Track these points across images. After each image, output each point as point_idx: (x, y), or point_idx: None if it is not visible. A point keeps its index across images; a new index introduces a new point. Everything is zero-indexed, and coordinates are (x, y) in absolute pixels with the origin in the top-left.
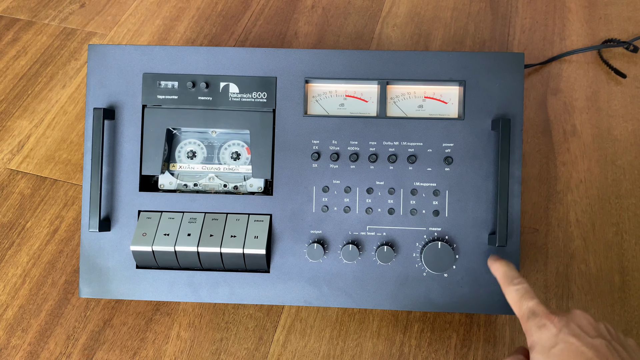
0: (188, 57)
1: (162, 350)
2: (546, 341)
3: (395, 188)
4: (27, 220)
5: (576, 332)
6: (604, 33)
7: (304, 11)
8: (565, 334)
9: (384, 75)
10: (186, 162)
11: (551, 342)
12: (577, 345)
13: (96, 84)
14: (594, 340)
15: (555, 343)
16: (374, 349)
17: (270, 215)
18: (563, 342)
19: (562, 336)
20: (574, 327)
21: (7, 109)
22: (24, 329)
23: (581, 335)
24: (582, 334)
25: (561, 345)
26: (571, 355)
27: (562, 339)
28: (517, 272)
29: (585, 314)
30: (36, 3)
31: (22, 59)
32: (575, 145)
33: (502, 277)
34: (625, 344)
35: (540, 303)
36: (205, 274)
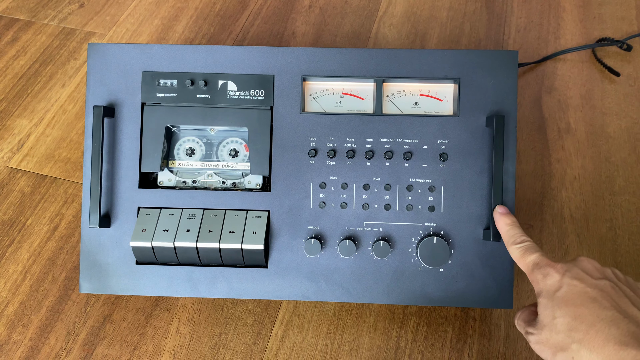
0: (187, 55)
1: (161, 345)
2: (551, 286)
3: (392, 184)
4: (27, 217)
5: (579, 275)
6: (598, 32)
7: (301, 11)
8: (568, 277)
9: (380, 73)
10: (185, 159)
11: (555, 287)
12: (581, 286)
13: (96, 82)
14: (597, 282)
15: (559, 287)
16: (370, 343)
17: (268, 211)
18: (566, 285)
19: (566, 280)
20: (578, 271)
21: (7, 108)
22: (25, 325)
23: (585, 278)
24: (586, 277)
25: (565, 288)
26: (574, 296)
27: (566, 282)
28: (519, 230)
29: (591, 259)
30: (35, 3)
31: (22, 58)
32: (570, 142)
33: (505, 235)
34: (635, 287)
35: (544, 255)
36: (204, 270)
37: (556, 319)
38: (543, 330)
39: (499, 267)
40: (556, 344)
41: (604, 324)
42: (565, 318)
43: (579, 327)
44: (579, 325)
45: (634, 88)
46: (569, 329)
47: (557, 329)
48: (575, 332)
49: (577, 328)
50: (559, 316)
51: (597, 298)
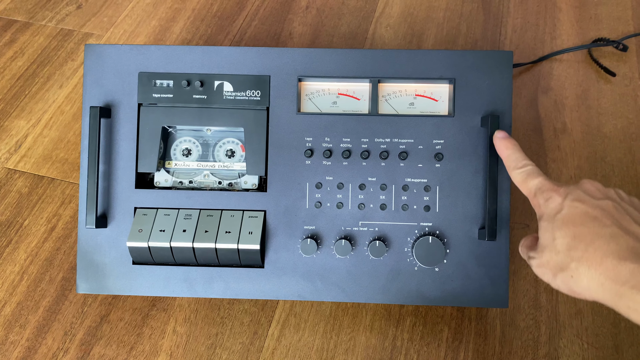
0: (183, 56)
1: (158, 345)
2: (552, 209)
3: (387, 184)
4: (24, 218)
5: (581, 197)
6: (594, 32)
7: (298, 12)
8: (570, 199)
9: (375, 74)
10: (181, 159)
11: (557, 209)
12: (582, 207)
13: (93, 83)
14: (599, 202)
15: (560, 209)
16: (367, 342)
17: (264, 211)
18: (567, 207)
19: (567, 202)
20: (579, 193)
21: (4, 109)
22: (22, 325)
23: (586, 199)
24: (587, 197)
25: (565, 209)
26: (575, 217)
27: (567, 204)
28: (521, 154)
29: (594, 181)
30: (33, 4)
31: (20, 59)
32: (566, 142)
33: (507, 160)
34: (637, 204)
35: (547, 179)
36: (201, 270)
37: (556, 239)
38: (544, 252)
39: (495, 266)
40: (556, 264)
41: (603, 241)
42: (565, 238)
43: (578, 245)
44: (578, 244)
45: (629, 88)
46: (569, 248)
47: (557, 250)
48: (574, 250)
49: (576, 247)
50: (559, 237)
51: (598, 217)
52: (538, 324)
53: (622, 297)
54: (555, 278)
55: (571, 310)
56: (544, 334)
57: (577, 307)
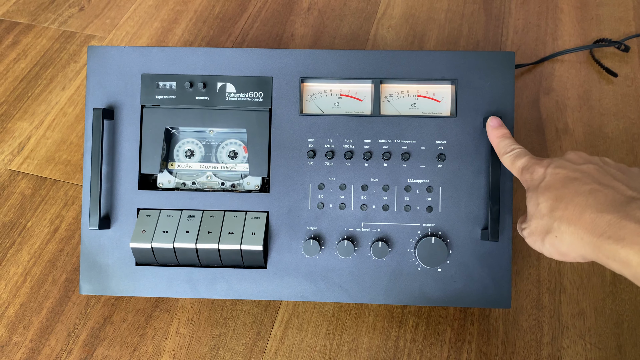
0: (186, 57)
1: (161, 346)
2: (536, 180)
3: (390, 185)
4: (28, 219)
5: (562, 164)
6: (596, 33)
7: (300, 13)
8: (551, 168)
9: (377, 75)
10: (184, 160)
11: (540, 179)
12: (563, 172)
13: (95, 84)
14: (581, 166)
15: (543, 178)
16: (369, 343)
17: (267, 212)
18: (549, 175)
19: (549, 170)
20: (562, 161)
21: (7, 111)
22: (26, 326)
23: (567, 165)
24: (569, 164)
25: (547, 177)
26: (556, 181)
27: (549, 172)
28: (510, 140)
29: (580, 151)
30: (36, 7)
31: (22, 61)
32: (568, 142)
33: (497, 147)
34: (625, 169)
35: (532, 157)
36: (204, 271)
37: (539, 205)
38: (531, 220)
39: (497, 267)
40: (542, 228)
41: (582, 197)
42: (547, 202)
43: (559, 205)
44: (559, 204)
45: (631, 88)
46: (551, 209)
47: (541, 214)
48: (556, 210)
49: (557, 207)
50: (542, 202)
51: (578, 178)
52: (541, 325)
53: (600, 249)
54: (543, 243)
55: (574, 310)
56: (547, 335)
57: (579, 307)
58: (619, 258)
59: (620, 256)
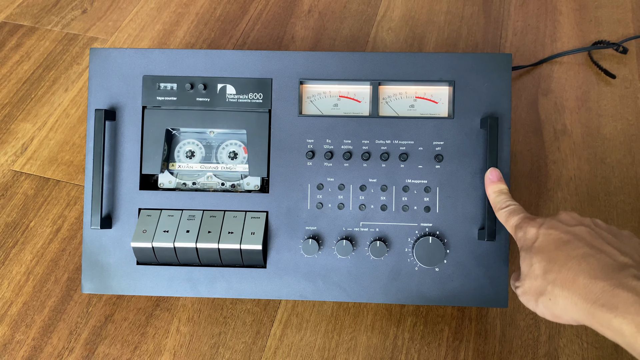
0: (186, 59)
1: (162, 345)
2: (529, 240)
3: (388, 185)
4: (30, 219)
5: (555, 225)
6: (594, 35)
7: (300, 15)
8: (544, 228)
9: (376, 77)
10: (185, 161)
11: (532, 239)
12: (555, 234)
13: (97, 86)
14: (573, 228)
15: (535, 238)
16: (368, 342)
17: (266, 212)
18: (542, 235)
19: (542, 230)
20: (554, 222)
21: (11, 112)
22: (28, 325)
23: (559, 226)
24: (561, 225)
25: (540, 238)
26: (550, 243)
27: (541, 232)
28: (505, 196)
29: (571, 212)
30: (39, 9)
31: (26, 63)
32: (566, 144)
33: (493, 202)
34: (616, 232)
35: (526, 216)
36: (204, 270)
37: (533, 265)
38: (525, 280)
39: (494, 266)
40: (536, 289)
41: (575, 261)
42: (540, 263)
43: (553, 268)
44: (553, 266)
45: (629, 90)
46: (544, 272)
47: (534, 275)
48: (549, 273)
49: (550, 269)
50: (535, 262)
51: (571, 240)
52: (538, 324)
53: (594, 316)
54: (537, 304)
55: None
56: (544, 334)
57: None
58: (612, 327)
59: (614, 325)
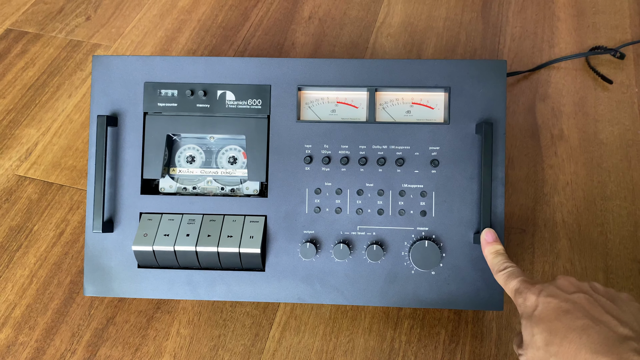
0: (187, 66)
1: (162, 347)
2: (529, 308)
3: (384, 190)
4: (34, 223)
5: (554, 292)
6: (592, 41)
7: (301, 22)
8: (543, 296)
9: (373, 83)
10: (185, 166)
11: (532, 307)
12: (555, 302)
13: (100, 92)
14: (571, 296)
15: (535, 306)
16: (365, 344)
17: (265, 216)
18: (542, 303)
19: (541, 298)
20: (553, 289)
21: (15, 118)
22: (31, 327)
23: (558, 294)
24: (560, 292)
25: (540, 306)
26: (549, 312)
27: (541, 300)
28: (503, 257)
29: (569, 277)
30: (44, 16)
31: (30, 70)
32: (563, 148)
33: (491, 264)
34: (614, 297)
35: (524, 280)
36: (204, 273)
37: (534, 336)
38: (527, 349)
39: (489, 270)
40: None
41: (576, 334)
42: (542, 334)
43: (554, 340)
44: (554, 338)
45: (626, 95)
46: (546, 343)
47: (536, 346)
48: (551, 345)
49: (552, 341)
50: (537, 333)
51: (570, 310)
52: None
53: None
54: None
55: None
56: None
57: None
58: None
59: None
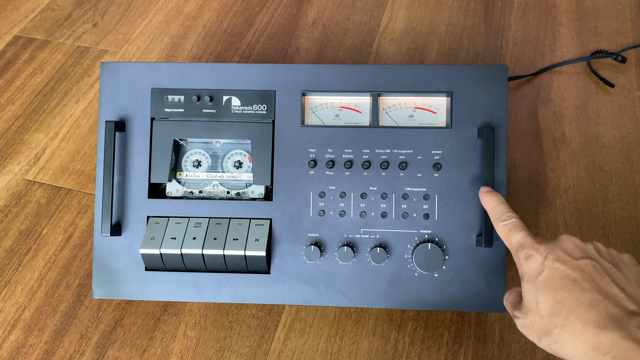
0: (193, 73)
1: (169, 348)
2: (533, 270)
3: (388, 193)
4: (43, 227)
5: (561, 257)
6: (594, 44)
7: (305, 28)
8: (550, 260)
9: (376, 88)
10: (192, 170)
11: (537, 270)
12: (562, 269)
13: (108, 98)
14: (578, 262)
15: (541, 270)
16: (369, 346)
17: (270, 219)
18: (548, 269)
19: (547, 263)
20: (559, 252)
21: (24, 124)
22: (41, 329)
23: (565, 259)
24: (567, 258)
25: (546, 271)
26: (556, 279)
27: (547, 265)
28: (505, 207)
29: (573, 237)
30: (51, 23)
31: (39, 76)
32: (565, 152)
33: (491, 213)
34: (617, 260)
35: (528, 235)
36: (210, 275)
37: (539, 304)
38: (528, 314)
39: (492, 272)
40: (540, 328)
41: (583, 308)
42: (547, 303)
43: (560, 311)
44: (560, 309)
45: (628, 99)
46: (551, 313)
47: (540, 314)
48: (557, 316)
49: (558, 313)
50: (542, 301)
51: (578, 280)
52: None
53: None
54: (540, 341)
55: None
56: None
57: None
58: None
59: None
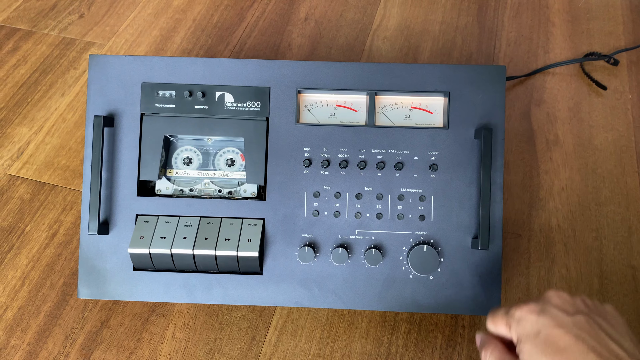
0: (185, 67)
1: (157, 350)
2: (530, 330)
3: (383, 194)
4: (26, 224)
5: (554, 314)
6: (586, 47)
7: (297, 23)
8: (544, 318)
9: (372, 86)
10: (182, 168)
11: (534, 330)
12: (559, 331)
13: (96, 92)
14: (573, 318)
15: (538, 330)
16: (362, 349)
17: (263, 219)
18: (544, 327)
19: (542, 320)
20: (552, 310)
21: (7, 117)
22: (23, 330)
23: (559, 316)
24: (561, 315)
25: (544, 331)
26: (556, 338)
27: (543, 323)
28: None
29: (560, 292)
30: (36, 13)
31: (22, 67)
32: (558, 154)
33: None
34: (603, 312)
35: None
36: (200, 276)
37: None
38: None
39: (487, 274)
40: None
41: None
42: None
43: None
44: None
45: (620, 101)
46: None
47: None
48: None
49: None
50: None
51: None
52: None
53: None
54: None
55: None
56: None
57: None
58: None
59: None
